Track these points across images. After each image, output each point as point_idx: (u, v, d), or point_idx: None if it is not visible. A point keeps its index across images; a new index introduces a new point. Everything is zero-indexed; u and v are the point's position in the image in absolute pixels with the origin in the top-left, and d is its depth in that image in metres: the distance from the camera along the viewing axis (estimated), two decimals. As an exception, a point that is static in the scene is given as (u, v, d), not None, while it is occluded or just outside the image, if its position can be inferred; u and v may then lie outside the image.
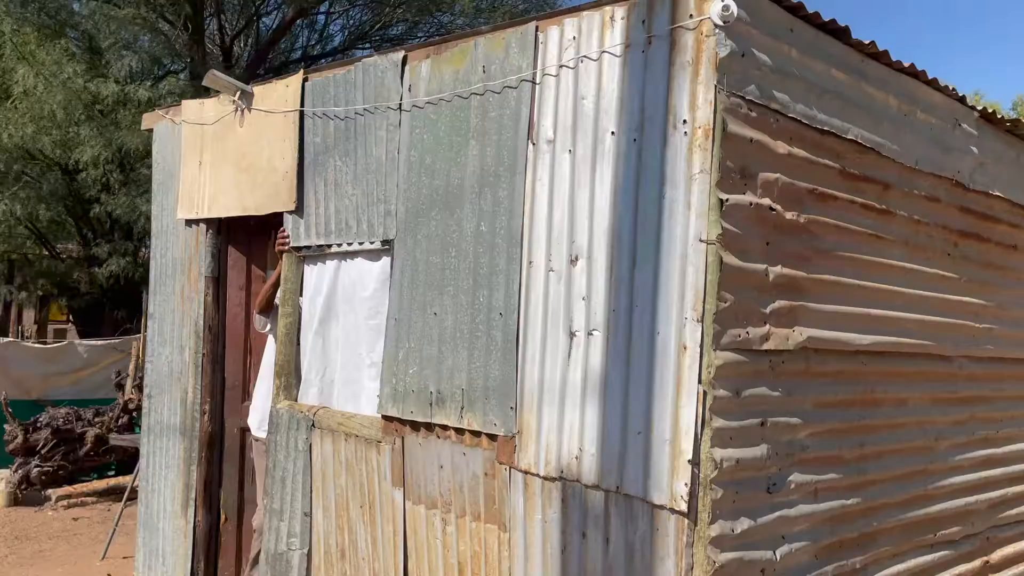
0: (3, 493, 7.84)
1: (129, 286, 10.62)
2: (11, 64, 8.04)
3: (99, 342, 9.19)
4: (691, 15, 2.50)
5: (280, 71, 12.68)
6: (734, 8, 2.40)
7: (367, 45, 13.40)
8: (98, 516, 7.66)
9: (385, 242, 3.66)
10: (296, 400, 4.20)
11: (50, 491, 8.09)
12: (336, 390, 4.08)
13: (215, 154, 4.80)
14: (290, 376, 4.24)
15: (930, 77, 3.20)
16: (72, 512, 7.78)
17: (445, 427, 3.26)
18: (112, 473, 8.94)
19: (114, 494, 8.36)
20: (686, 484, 2.41)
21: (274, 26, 12.24)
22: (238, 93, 4.59)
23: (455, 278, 3.26)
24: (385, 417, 3.54)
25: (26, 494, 7.99)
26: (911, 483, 3.25)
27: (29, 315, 19.98)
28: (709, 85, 2.46)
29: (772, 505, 2.59)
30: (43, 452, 8.09)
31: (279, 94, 4.37)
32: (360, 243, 3.82)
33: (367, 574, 3.61)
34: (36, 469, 8.05)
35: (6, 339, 9.61)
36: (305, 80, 4.17)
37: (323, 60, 13.12)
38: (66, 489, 8.21)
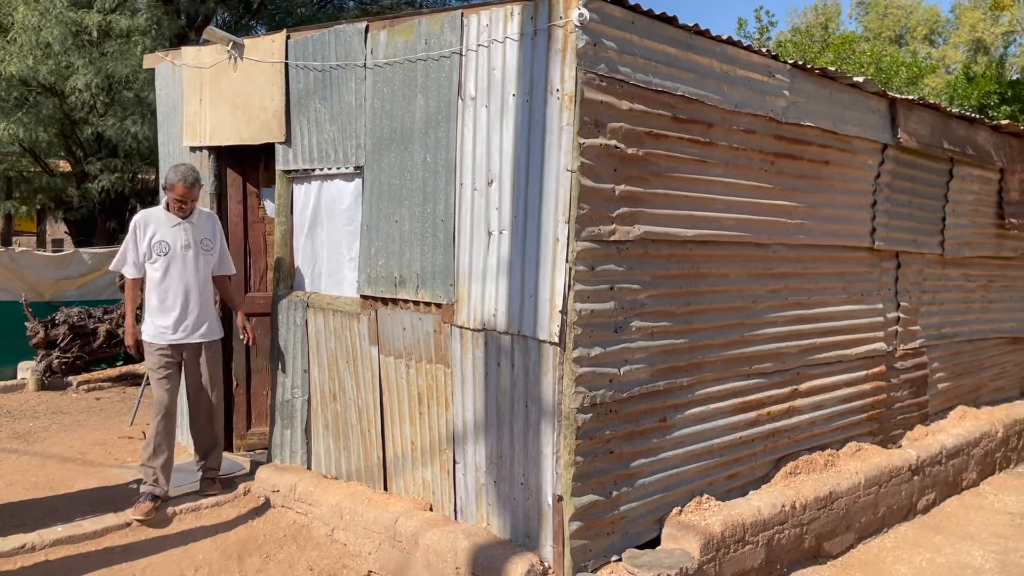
0: (32, 380, 8.91)
1: (119, 199, 11.56)
2: (4, -1, 8.78)
3: (100, 250, 10.08)
4: (560, 17, 3.67)
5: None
6: (587, 14, 3.60)
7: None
8: (116, 396, 8.80)
9: (357, 167, 4.85)
10: (292, 289, 5.48)
11: (70, 378, 9.12)
12: (323, 280, 5.27)
13: (213, 93, 5.85)
14: (286, 270, 5.50)
15: (746, 45, 4.45)
16: (93, 394, 8.90)
17: (406, 301, 4.55)
18: (120, 363, 10.07)
19: (126, 380, 9.52)
20: (558, 326, 3.73)
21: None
22: (231, 44, 5.66)
23: (410, 195, 4.50)
24: (363, 296, 4.83)
25: (50, 380, 9.03)
26: (730, 331, 4.60)
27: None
28: (572, 65, 3.64)
29: (618, 340, 3.94)
30: (62, 345, 9.08)
31: (266, 47, 5.44)
32: (338, 168, 5.00)
33: (352, 409, 4.99)
34: (57, 360, 9.07)
35: (22, 248, 10.54)
36: (288, 38, 5.26)
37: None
38: (84, 376, 9.23)
